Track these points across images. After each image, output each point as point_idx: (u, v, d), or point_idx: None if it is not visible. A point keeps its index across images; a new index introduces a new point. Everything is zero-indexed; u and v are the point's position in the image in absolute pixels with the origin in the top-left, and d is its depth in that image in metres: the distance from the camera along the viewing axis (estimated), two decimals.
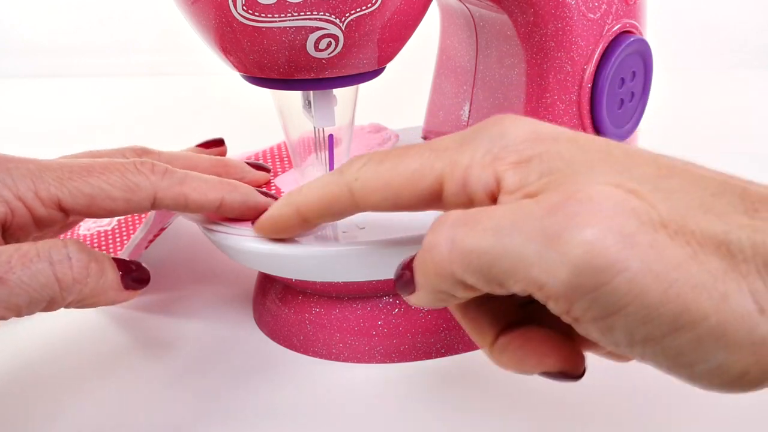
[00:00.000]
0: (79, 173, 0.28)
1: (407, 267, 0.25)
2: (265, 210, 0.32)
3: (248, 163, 0.37)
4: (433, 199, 0.25)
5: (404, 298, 0.26)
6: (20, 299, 0.25)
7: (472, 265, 0.22)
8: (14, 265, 0.25)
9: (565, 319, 0.21)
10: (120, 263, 0.29)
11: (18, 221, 0.27)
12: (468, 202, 0.24)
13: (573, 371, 0.25)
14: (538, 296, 0.21)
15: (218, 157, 0.36)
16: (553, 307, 0.21)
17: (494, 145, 0.24)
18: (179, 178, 0.30)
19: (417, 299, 0.25)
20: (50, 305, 0.27)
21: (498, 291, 0.22)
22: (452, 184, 0.24)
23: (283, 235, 0.32)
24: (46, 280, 0.26)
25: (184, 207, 0.30)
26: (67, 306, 0.27)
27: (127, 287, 0.29)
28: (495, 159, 0.23)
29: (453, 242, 0.22)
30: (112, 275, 0.28)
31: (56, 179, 0.28)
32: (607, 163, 0.22)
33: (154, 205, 0.29)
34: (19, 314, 0.26)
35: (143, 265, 0.30)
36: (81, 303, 0.28)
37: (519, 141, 0.23)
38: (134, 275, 0.29)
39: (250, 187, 0.33)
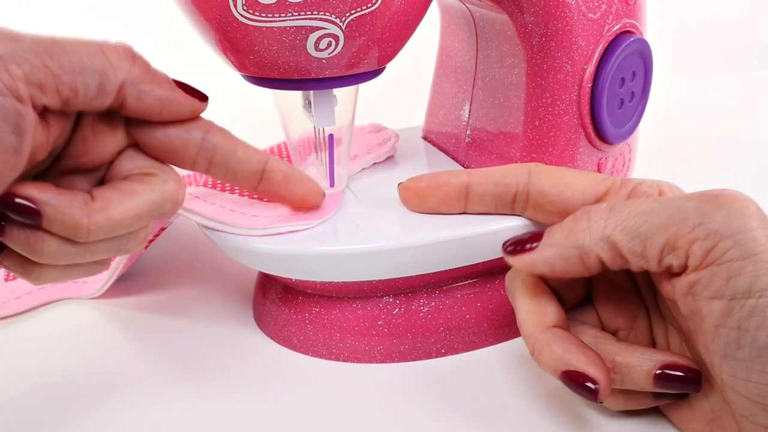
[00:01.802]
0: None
1: (534, 234, 0.30)
2: (306, 191, 0.34)
3: None
4: (595, 200, 0.31)
5: (511, 260, 0.30)
6: (72, 61, 0.26)
7: (627, 222, 0.27)
8: (62, 43, 0.26)
9: (694, 268, 0.26)
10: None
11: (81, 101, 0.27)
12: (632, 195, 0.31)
13: (605, 387, 0.28)
14: (682, 242, 0.26)
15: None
16: (696, 249, 0.26)
17: (662, 182, 0.31)
18: (229, 133, 0.32)
19: (538, 254, 0.29)
20: (103, 82, 0.27)
21: (635, 253, 0.27)
22: (620, 189, 0.31)
23: (425, 200, 0.34)
24: (95, 51, 0.27)
25: (233, 154, 0.31)
26: (122, 97, 0.28)
27: (185, 90, 0.30)
28: (662, 185, 0.30)
29: (613, 207, 0.28)
30: (161, 73, 0.29)
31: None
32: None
33: (203, 142, 0.30)
34: (74, 88, 0.26)
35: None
36: (137, 92, 0.28)
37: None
38: (189, 87, 0.30)
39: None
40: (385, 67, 0.34)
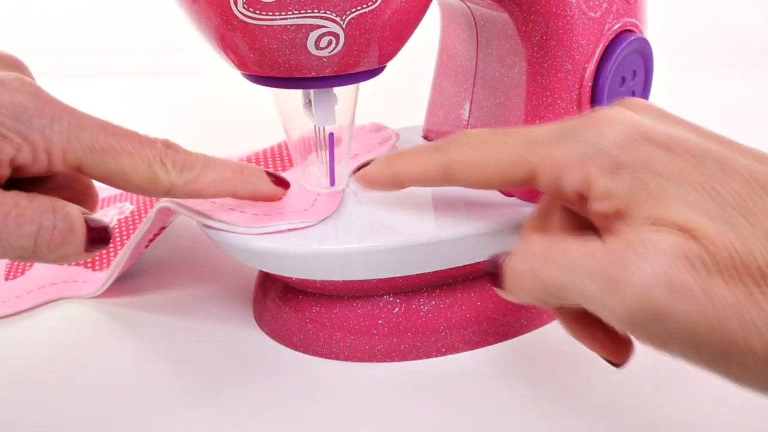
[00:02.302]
0: (110, 148, 0.29)
1: (499, 268, 0.28)
2: (274, 197, 0.35)
3: (268, 173, 0.36)
4: (524, 184, 0.28)
5: (495, 289, 0.29)
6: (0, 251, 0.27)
7: (549, 292, 0.25)
8: (9, 222, 0.26)
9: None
10: (90, 229, 0.29)
11: (35, 170, 0.28)
12: (558, 195, 0.27)
13: (615, 360, 0.28)
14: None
15: (240, 165, 0.35)
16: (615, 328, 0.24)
17: (589, 148, 0.25)
18: (195, 176, 0.31)
19: (505, 296, 0.28)
20: (18, 259, 0.28)
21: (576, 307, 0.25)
22: (545, 177, 0.27)
23: (377, 189, 0.34)
24: (28, 243, 0.27)
25: (196, 197, 0.32)
26: (25, 260, 0.28)
27: (87, 250, 0.29)
28: (587, 162, 0.25)
29: (534, 274, 0.25)
30: (81, 242, 0.29)
31: (88, 146, 0.28)
32: (695, 180, 0.23)
33: (167, 194, 0.31)
34: None
35: (107, 227, 0.30)
36: (40, 260, 0.29)
37: (613, 146, 0.25)
38: (97, 239, 0.30)
39: (262, 174, 0.34)
40: (385, 66, 0.34)
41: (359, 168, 0.34)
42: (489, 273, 0.29)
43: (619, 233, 0.23)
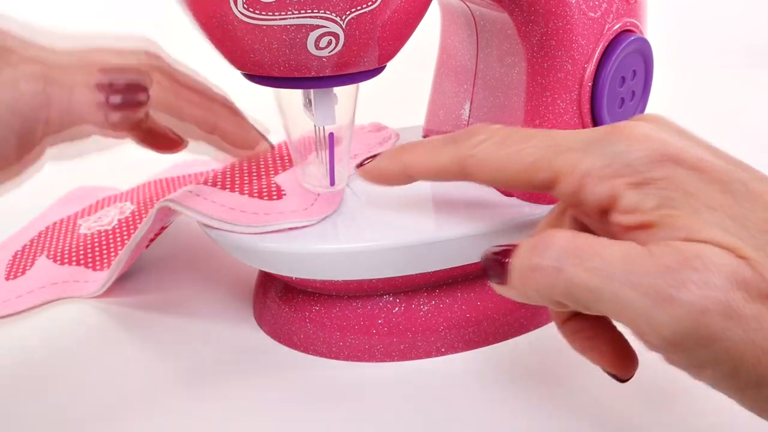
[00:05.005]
0: None
1: (502, 261, 0.26)
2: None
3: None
4: (542, 189, 0.26)
5: (490, 282, 0.27)
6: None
7: (574, 296, 0.23)
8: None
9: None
10: None
11: None
12: (576, 204, 0.25)
13: (621, 375, 0.27)
14: (634, 334, 0.22)
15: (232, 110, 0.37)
16: (647, 345, 0.22)
17: (617, 160, 0.24)
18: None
19: (504, 292, 0.26)
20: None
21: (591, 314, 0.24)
22: (566, 185, 0.25)
23: (384, 184, 0.32)
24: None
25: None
26: None
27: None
28: (615, 174, 0.24)
29: (560, 272, 0.23)
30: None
31: None
32: (725, 205, 0.22)
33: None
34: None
35: None
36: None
37: (642, 161, 0.24)
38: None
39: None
40: (385, 66, 0.34)
41: (362, 163, 0.33)
42: (487, 266, 0.27)
43: (667, 244, 0.22)
